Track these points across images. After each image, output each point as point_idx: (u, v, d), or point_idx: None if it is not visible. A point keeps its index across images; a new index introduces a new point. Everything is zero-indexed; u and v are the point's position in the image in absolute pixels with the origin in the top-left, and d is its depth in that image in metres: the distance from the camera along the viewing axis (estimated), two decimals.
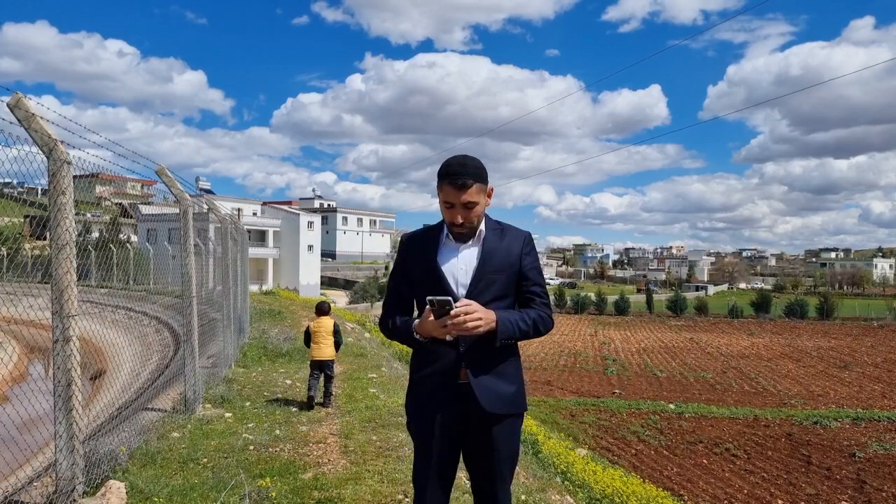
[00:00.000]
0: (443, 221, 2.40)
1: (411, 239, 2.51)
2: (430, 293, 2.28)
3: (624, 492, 7.24)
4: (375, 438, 5.60)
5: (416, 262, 2.41)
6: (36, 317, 4.46)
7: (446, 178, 2.25)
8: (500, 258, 2.36)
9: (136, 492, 3.87)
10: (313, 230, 62.46)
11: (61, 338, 3.30)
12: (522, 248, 2.42)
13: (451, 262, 2.35)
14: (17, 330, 5.15)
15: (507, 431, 2.40)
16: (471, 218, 2.28)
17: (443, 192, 2.27)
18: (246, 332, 12.56)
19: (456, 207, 2.26)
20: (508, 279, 2.38)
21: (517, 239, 2.42)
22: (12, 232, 22.80)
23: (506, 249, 2.38)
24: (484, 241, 2.37)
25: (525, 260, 2.42)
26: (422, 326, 2.28)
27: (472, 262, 2.34)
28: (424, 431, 2.38)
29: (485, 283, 2.32)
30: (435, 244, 2.39)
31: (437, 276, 2.34)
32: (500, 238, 2.40)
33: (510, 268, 2.38)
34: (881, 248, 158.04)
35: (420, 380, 2.41)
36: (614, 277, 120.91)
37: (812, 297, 63.62)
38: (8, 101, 3.04)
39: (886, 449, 16.63)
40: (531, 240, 2.46)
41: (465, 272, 2.33)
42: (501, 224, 2.45)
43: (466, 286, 2.32)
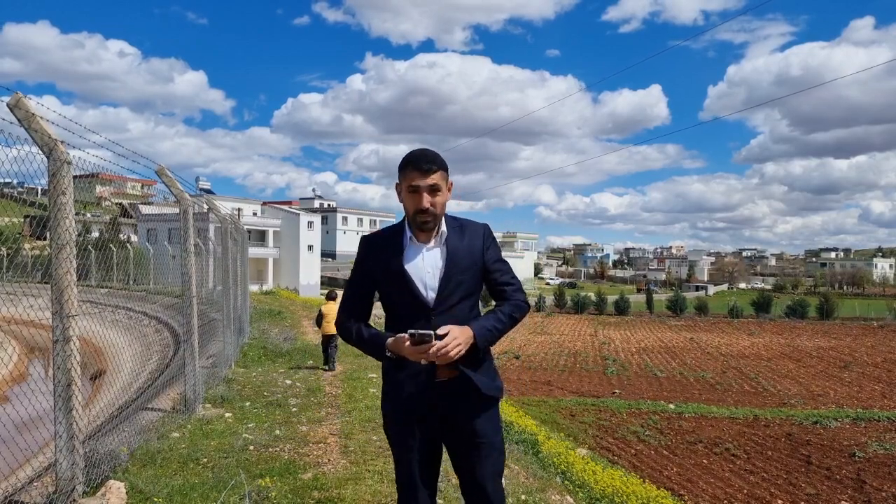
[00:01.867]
0: (403, 223, 2.40)
1: (372, 240, 2.49)
2: (398, 298, 2.33)
3: (624, 492, 7.24)
4: (375, 438, 5.60)
5: (379, 265, 2.39)
6: (36, 317, 4.46)
7: (410, 163, 2.28)
8: (465, 257, 2.37)
9: (136, 492, 3.87)
10: (313, 230, 62.44)
11: (61, 338, 3.30)
12: (483, 242, 2.42)
13: (417, 266, 2.34)
14: (17, 330, 5.15)
15: (490, 421, 2.40)
16: (436, 204, 2.28)
17: (407, 179, 2.29)
18: (246, 332, 12.56)
19: (421, 191, 2.26)
20: (474, 277, 2.40)
21: (477, 234, 2.43)
22: (12, 232, 22.79)
23: (468, 247, 2.39)
24: (447, 241, 2.36)
25: (487, 254, 2.42)
26: (396, 347, 2.25)
27: (438, 263, 2.34)
28: (406, 435, 2.37)
29: (454, 285, 2.33)
30: (399, 246, 2.37)
31: (404, 281, 2.33)
32: (461, 236, 2.40)
33: (475, 265, 2.39)
34: (881, 248, 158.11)
35: (396, 383, 2.39)
36: (614, 277, 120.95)
37: (812, 297, 63.60)
38: (8, 101, 3.04)
39: (886, 449, 16.62)
40: (490, 231, 2.48)
41: (433, 275, 2.33)
42: (459, 220, 2.46)
43: (435, 289, 2.32)
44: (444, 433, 2.40)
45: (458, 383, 2.34)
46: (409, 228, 2.38)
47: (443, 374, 2.32)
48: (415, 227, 2.35)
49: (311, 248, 61.42)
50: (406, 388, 2.35)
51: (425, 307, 2.32)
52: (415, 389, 2.33)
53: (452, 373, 2.33)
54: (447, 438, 2.42)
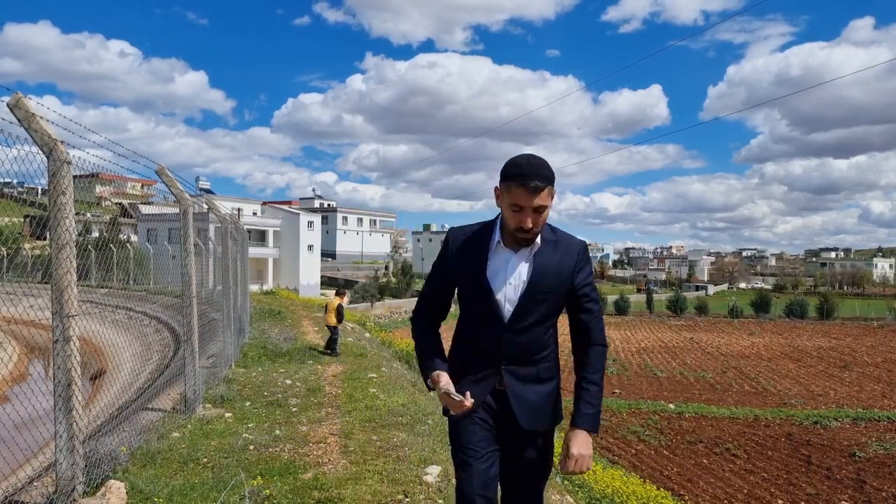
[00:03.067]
0: (493, 222, 2.24)
1: (459, 235, 2.30)
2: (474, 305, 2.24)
3: (624, 491, 7.24)
4: (375, 438, 5.60)
5: (462, 265, 2.24)
6: (36, 317, 4.47)
7: (517, 178, 2.06)
8: (552, 275, 2.18)
9: (137, 492, 3.87)
10: (313, 230, 62.46)
11: (61, 338, 3.29)
12: (576, 263, 2.22)
13: (501, 276, 2.18)
14: (17, 330, 5.15)
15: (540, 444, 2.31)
16: (539, 223, 2.11)
17: (510, 195, 2.08)
18: (246, 332, 12.57)
19: (525, 211, 2.07)
20: (557, 298, 2.22)
21: (571, 251, 2.23)
22: (12, 232, 22.80)
23: (558, 264, 2.20)
24: (536, 254, 2.18)
25: (578, 276, 2.23)
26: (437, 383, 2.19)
27: (523, 277, 2.17)
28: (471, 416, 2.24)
29: (533, 304, 2.17)
30: (484, 249, 2.21)
31: (483, 289, 2.18)
32: (554, 251, 2.20)
33: (561, 286, 2.20)
34: (881, 248, 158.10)
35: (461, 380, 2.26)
36: (614, 277, 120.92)
37: (812, 297, 63.62)
38: (8, 101, 3.04)
39: (886, 449, 16.62)
40: (587, 251, 2.28)
41: (515, 288, 2.17)
42: (556, 233, 2.25)
43: (514, 304, 2.17)
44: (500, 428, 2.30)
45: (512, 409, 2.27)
46: (499, 231, 2.21)
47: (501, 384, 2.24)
48: (510, 238, 2.18)
49: (311, 248, 61.45)
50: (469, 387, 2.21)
51: (499, 322, 2.18)
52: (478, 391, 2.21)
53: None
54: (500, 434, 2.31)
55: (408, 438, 5.55)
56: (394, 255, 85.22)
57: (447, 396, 2.14)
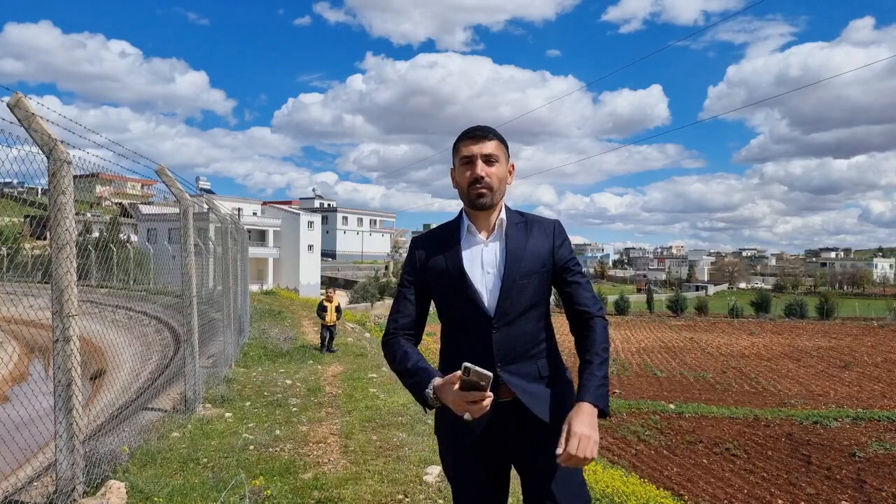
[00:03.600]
0: (458, 217, 2.10)
1: (423, 238, 2.15)
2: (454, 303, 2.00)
3: (624, 491, 7.24)
4: (375, 438, 5.60)
5: (434, 266, 2.05)
6: (36, 317, 4.47)
7: (463, 135, 2.03)
8: (530, 257, 2.01)
9: (137, 492, 3.87)
10: (313, 230, 62.45)
11: (61, 338, 3.30)
12: (553, 241, 2.06)
13: (475, 266, 2.01)
14: (17, 330, 5.15)
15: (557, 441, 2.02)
16: (491, 174, 1.98)
17: (460, 151, 2.01)
18: (246, 332, 12.57)
19: (475, 160, 1.97)
20: (541, 281, 2.03)
21: (545, 231, 2.07)
22: (12, 232, 22.80)
23: (533, 246, 2.03)
24: (507, 236, 2.03)
25: (558, 253, 2.06)
26: (441, 391, 1.83)
27: (498, 263, 2.00)
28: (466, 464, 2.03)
29: (517, 290, 1.98)
30: (455, 243, 2.04)
31: (462, 282, 1.99)
32: (526, 234, 2.05)
33: (542, 267, 2.03)
34: (881, 248, 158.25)
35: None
36: (614, 277, 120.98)
37: (812, 297, 63.60)
38: (8, 101, 3.04)
39: (886, 449, 16.62)
40: (562, 228, 2.11)
41: (493, 276, 1.99)
42: (525, 216, 2.11)
43: (496, 294, 1.97)
44: (515, 461, 2.05)
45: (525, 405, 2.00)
46: (465, 218, 2.07)
47: (506, 393, 1.98)
48: (470, 207, 2.03)
49: (311, 248, 61.44)
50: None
51: (484, 316, 1.97)
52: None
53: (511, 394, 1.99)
54: (518, 467, 2.06)
55: (408, 438, 5.56)
56: (394, 255, 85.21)
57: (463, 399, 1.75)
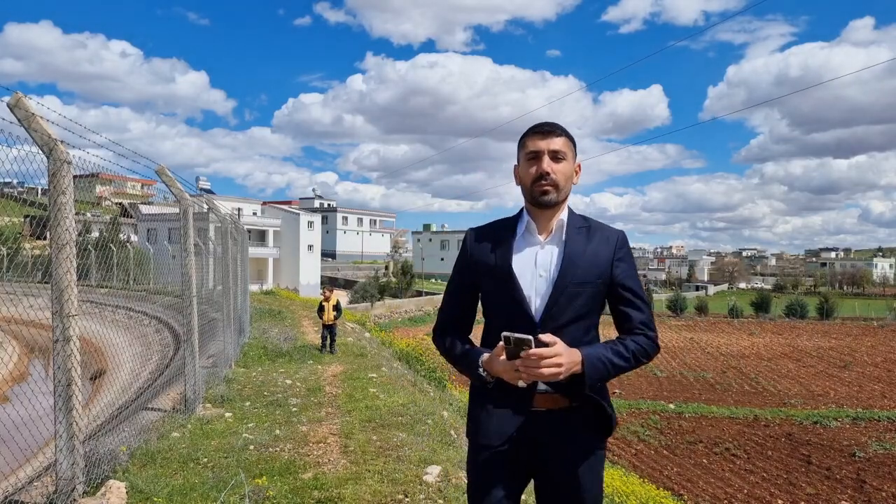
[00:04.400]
0: (515, 215, 2.05)
1: (479, 233, 2.08)
2: (500, 304, 1.96)
3: (624, 491, 7.25)
4: (375, 438, 5.60)
5: (484, 263, 2.00)
6: (36, 317, 4.47)
7: (531, 130, 1.98)
8: (586, 265, 1.93)
9: (137, 491, 3.87)
10: (313, 230, 62.46)
11: (61, 338, 3.30)
12: (614, 253, 1.97)
13: (528, 266, 1.94)
14: (17, 330, 5.15)
15: (592, 470, 1.97)
16: (558, 171, 1.92)
17: (526, 146, 1.96)
18: (246, 332, 12.57)
19: (541, 156, 1.92)
20: (594, 292, 1.94)
21: (607, 241, 1.98)
22: (12, 232, 22.80)
23: (593, 254, 1.95)
24: (566, 240, 1.95)
25: (618, 268, 1.97)
26: (490, 365, 1.88)
27: (552, 266, 1.93)
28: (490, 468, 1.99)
29: (567, 297, 1.90)
30: (508, 240, 1.97)
31: (509, 281, 1.93)
32: (587, 239, 1.97)
33: (598, 278, 1.94)
34: (881, 248, 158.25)
35: (484, 407, 2.00)
36: None
37: (812, 297, 63.62)
38: (8, 101, 3.04)
39: (886, 448, 16.63)
40: (626, 241, 2.01)
41: (545, 280, 1.92)
42: (589, 221, 2.03)
43: (545, 298, 1.90)
44: (536, 475, 2.02)
45: (560, 418, 1.94)
46: (525, 215, 2.01)
47: (541, 402, 1.92)
48: (532, 204, 1.97)
49: (311, 248, 61.45)
50: (496, 414, 1.96)
51: (530, 320, 1.90)
52: (506, 416, 1.94)
53: (554, 402, 1.93)
54: (538, 479, 2.03)
55: (408, 438, 5.55)
56: (394, 255, 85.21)
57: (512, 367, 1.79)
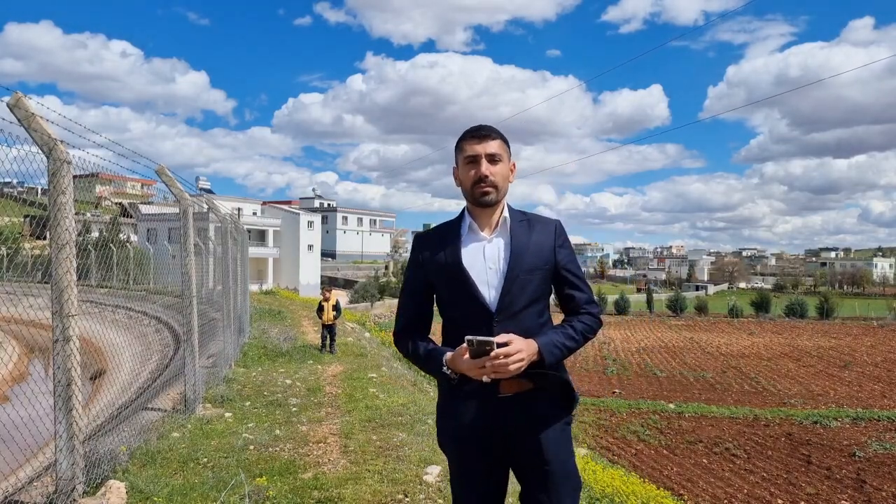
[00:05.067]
0: (461, 215, 2.16)
1: (425, 236, 2.21)
2: (455, 299, 2.06)
3: (624, 491, 7.24)
4: (375, 438, 5.60)
5: (434, 263, 2.12)
6: (36, 316, 4.47)
7: (466, 134, 2.09)
8: (532, 254, 2.07)
9: (136, 491, 3.87)
10: (313, 230, 62.46)
11: (61, 337, 3.29)
12: (555, 241, 2.12)
13: (477, 261, 2.06)
14: (17, 330, 5.15)
15: (561, 444, 2.10)
16: (496, 173, 2.04)
17: (464, 150, 2.08)
18: (246, 332, 12.57)
19: (479, 160, 2.03)
20: (543, 278, 2.09)
21: (547, 229, 2.13)
22: (12, 232, 22.80)
23: (536, 244, 2.09)
24: (511, 233, 2.09)
25: (559, 253, 2.12)
26: (454, 363, 1.99)
27: (500, 259, 2.06)
28: (464, 459, 2.12)
29: (518, 286, 2.04)
30: (455, 239, 2.10)
31: (462, 277, 2.04)
32: (529, 231, 2.11)
33: (544, 265, 2.08)
34: (881, 248, 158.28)
35: (453, 399, 2.11)
36: (614, 277, 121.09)
37: (812, 297, 63.63)
38: (8, 101, 3.04)
39: (886, 448, 16.62)
40: (563, 229, 2.17)
41: (495, 272, 2.05)
42: (527, 214, 2.17)
43: (498, 289, 2.03)
44: (511, 458, 2.13)
45: (525, 399, 2.06)
46: (468, 215, 2.13)
47: (507, 387, 2.04)
48: (474, 204, 2.09)
49: (311, 248, 61.44)
50: (464, 405, 2.07)
51: (486, 311, 2.03)
52: (474, 407, 2.06)
53: (519, 386, 2.04)
54: (514, 465, 2.14)
55: (408, 438, 5.55)
56: (394, 255, 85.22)
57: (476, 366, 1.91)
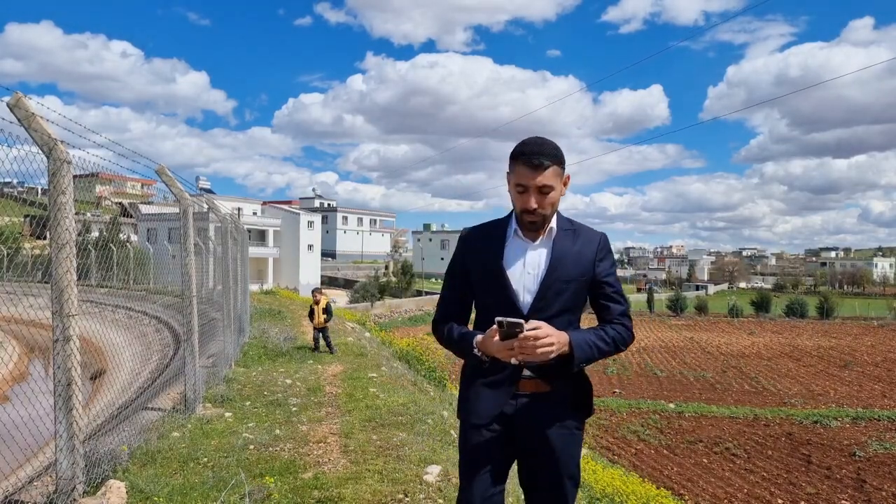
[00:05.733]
0: (509, 215, 2.19)
1: (472, 233, 2.25)
2: (491, 299, 2.11)
3: (624, 491, 7.25)
4: (376, 438, 5.60)
5: (477, 261, 2.17)
6: (36, 316, 4.47)
7: (521, 157, 2.04)
8: (572, 264, 2.11)
9: (137, 491, 3.87)
10: (313, 230, 62.46)
11: (61, 337, 3.29)
12: (596, 253, 2.16)
13: (517, 265, 2.11)
14: (17, 329, 5.15)
15: (569, 450, 2.14)
16: (545, 204, 2.05)
17: (516, 174, 2.06)
18: (246, 332, 12.57)
19: (530, 191, 2.03)
20: (578, 288, 2.14)
21: (591, 241, 2.17)
22: (12, 232, 22.81)
23: (577, 254, 2.13)
24: (554, 241, 2.13)
25: (599, 266, 2.16)
26: (485, 345, 2.03)
27: (541, 265, 2.10)
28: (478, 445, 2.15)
29: (553, 293, 2.08)
30: (500, 240, 2.14)
31: (500, 279, 2.10)
32: (573, 240, 2.15)
33: (581, 276, 2.13)
34: (881, 248, 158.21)
35: (473, 389, 2.18)
36: None
37: (812, 297, 63.68)
38: (8, 101, 3.04)
39: (886, 448, 16.63)
40: (607, 242, 2.22)
41: (533, 277, 2.09)
42: (574, 224, 2.20)
43: (533, 293, 2.08)
44: (519, 453, 2.18)
45: (541, 399, 2.11)
46: (514, 221, 2.16)
47: (525, 387, 2.10)
48: (521, 225, 2.14)
49: (311, 248, 61.45)
50: (484, 395, 2.14)
51: (518, 313, 2.06)
52: (493, 399, 2.12)
53: (537, 386, 2.10)
54: (520, 458, 2.20)
55: (408, 438, 5.55)
56: (394, 255, 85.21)
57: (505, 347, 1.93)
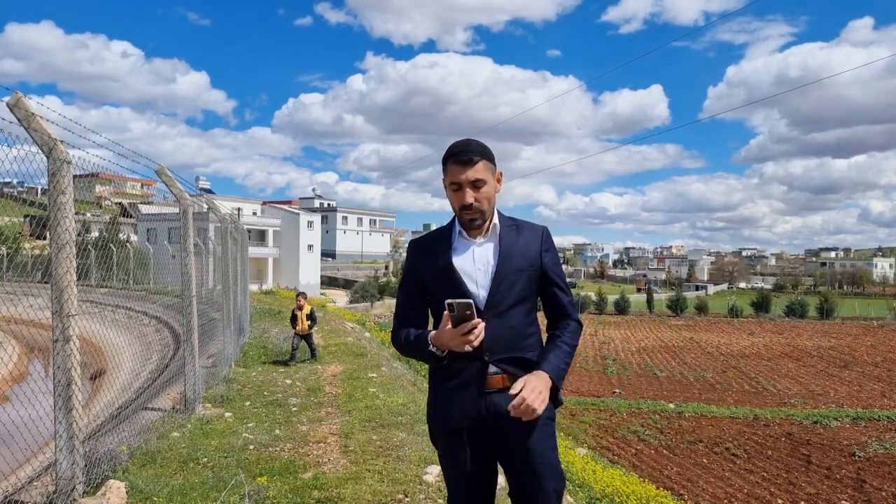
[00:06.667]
0: (452, 221, 2.26)
1: (419, 242, 2.34)
2: (444, 297, 2.11)
3: (623, 491, 7.25)
4: (375, 438, 5.60)
5: (428, 265, 2.23)
6: (36, 316, 4.47)
7: (451, 157, 2.13)
8: (519, 256, 2.19)
9: (136, 491, 3.87)
10: (313, 230, 62.44)
11: (61, 337, 3.30)
12: (541, 245, 2.25)
13: (467, 262, 2.17)
14: (17, 329, 5.15)
15: (546, 439, 2.17)
16: (481, 199, 2.13)
17: (449, 174, 2.14)
18: (246, 332, 12.57)
19: (463, 187, 2.11)
20: (529, 279, 2.21)
21: (534, 234, 2.26)
22: (12, 232, 22.82)
23: (524, 246, 2.22)
24: (500, 236, 2.20)
25: (546, 256, 2.24)
26: (438, 338, 2.07)
27: (490, 260, 2.17)
28: (455, 451, 2.19)
29: (507, 285, 2.15)
30: (447, 243, 2.21)
31: (453, 277, 2.15)
32: (517, 234, 2.23)
33: (530, 267, 2.21)
34: (881, 248, 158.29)
35: (443, 393, 2.21)
36: (614, 277, 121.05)
37: (812, 297, 63.67)
38: (8, 101, 3.04)
39: (886, 448, 16.62)
40: (549, 235, 2.30)
41: (484, 272, 2.16)
42: (516, 220, 2.29)
43: (487, 287, 2.14)
44: (497, 450, 2.21)
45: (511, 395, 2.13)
46: (457, 223, 2.24)
47: (494, 383, 2.14)
48: (463, 224, 2.20)
49: (310, 248, 61.43)
50: (454, 398, 2.17)
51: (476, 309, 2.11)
52: (463, 400, 2.15)
53: (505, 381, 2.14)
54: (501, 457, 2.23)
55: (408, 438, 5.55)
56: (394, 255, 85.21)
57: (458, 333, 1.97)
